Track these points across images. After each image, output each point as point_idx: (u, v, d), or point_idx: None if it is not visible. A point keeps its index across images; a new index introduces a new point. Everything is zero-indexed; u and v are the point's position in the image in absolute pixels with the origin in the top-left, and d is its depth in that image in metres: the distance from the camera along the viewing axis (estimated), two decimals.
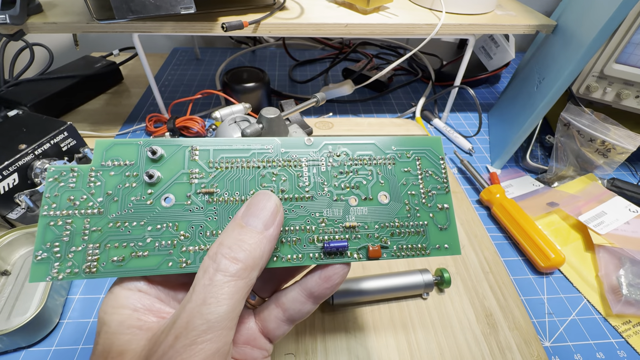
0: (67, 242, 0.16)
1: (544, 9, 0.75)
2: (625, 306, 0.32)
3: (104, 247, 0.16)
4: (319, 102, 0.44)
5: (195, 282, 0.14)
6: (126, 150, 0.17)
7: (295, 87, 0.65)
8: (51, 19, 0.39)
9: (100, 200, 0.17)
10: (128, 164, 0.17)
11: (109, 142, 0.17)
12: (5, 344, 0.26)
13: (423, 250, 0.18)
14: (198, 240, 0.17)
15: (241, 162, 0.18)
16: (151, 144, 0.17)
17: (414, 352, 0.28)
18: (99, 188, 0.17)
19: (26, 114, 0.41)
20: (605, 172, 0.44)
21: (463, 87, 0.51)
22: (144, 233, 0.17)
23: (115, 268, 0.16)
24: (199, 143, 0.18)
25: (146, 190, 0.17)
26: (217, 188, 0.17)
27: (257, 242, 0.15)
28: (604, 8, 0.35)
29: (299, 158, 0.18)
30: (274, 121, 0.33)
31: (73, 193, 0.16)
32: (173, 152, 0.17)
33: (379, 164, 0.19)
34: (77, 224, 0.16)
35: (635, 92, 0.42)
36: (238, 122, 0.39)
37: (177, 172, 0.17)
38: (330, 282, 0.17)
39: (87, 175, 0.17)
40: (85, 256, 0.16)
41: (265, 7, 0.44)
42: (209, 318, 0.13)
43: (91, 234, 0.16)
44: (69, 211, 0.16)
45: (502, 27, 0.45)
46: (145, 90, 0.60)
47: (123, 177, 0.17)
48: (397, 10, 0.46)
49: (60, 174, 0.16)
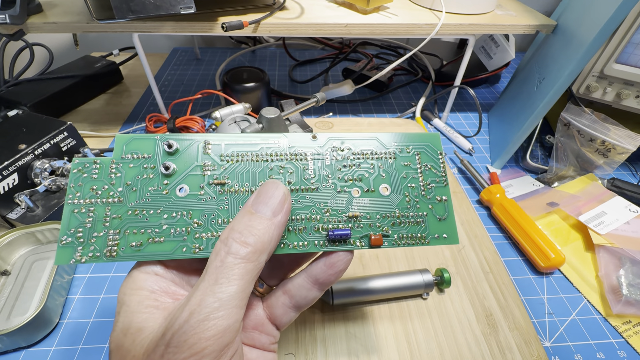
0: (90, 228, 0.17)
1: (544, 9, 0.75)
2: (625, 306, 0.32)
3: (124, 233, 0.17)
4: (319, 102, 0.44)
5: (208, 264, 0.15)
6: (144, 144, 0.19)
7: (295, 87, 0.65)
8: (51, 19, 0.39)
9: (120, 190, 0.18)
10: (146, 157, 0.18)
11: (128, 137, 0.19)
12: (5, 343, 0.26)
13: (422, 240, 0.19)
14: (210, 228, 0.18)
15: (251, 155, 0.19)
16: (167, 138, 0.18)
17: (414, 352, 0.28)
18: (119, 179, 0.18)
19: (26, 114, 0.41)
20: (606, 172, 0.44)
21: (463, 87, 0.51)
22: (160, 220, 0.18)
23: (133, 252, 0.17)
24: (212, 138, 0.19)
25: (162, 181, 0.18)
26: (228, 179, 0.18)
27: (265, 227, 0.16)
28: (604, 8, 0.35)
29: (305, 152, 0.19)
30: (274, 121, 0.33)
31: (95, 183, 0.18)
32: (187, 146, 0.19)
33: (380, 158, 0.20)
34: (99, 211, 0.17)
35: (636, 92, 0.42)
36: (238, 122, 0.39)
37: (191, 164, 0.19)
38: (334, 269, 0.18)
39: (109, 167, 0.18)
40: (106, 241, 0.17)
41: (265, 7, 0.44)
42: (221, 297, 0.14)
43: (112, 221, 0.17)
44: (91, 200, 0.17)
45: (502, 27, 0.45)
46: (145, 90, 0.60)
47: (141, 169, 0.18)
48: (397, 10, 0.46)
49: (84, 165, 0.18)
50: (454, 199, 0.42)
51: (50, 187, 0.36)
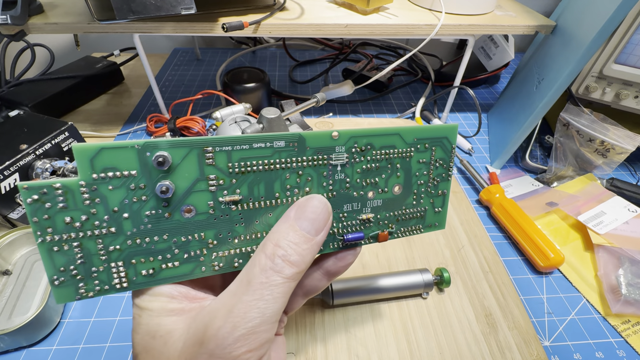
0: (85, 264, 0.15)
1: (544, 9, 0.75)
2: (624, 306, 0.32)
3: (130, 263, 0.15)
4: (319, 103, 0.44)
5: (252, 278, 0.15)
6: (121, 156, 0.14)
7: (295, 88, 0.65)
8: (52, 20, 0.39)
9: (107, 219, 0.14)
10: (130, 175, 0.14)
11: (93, 148, 0.13)
12: (6, 343, 0.26)
13: (418, 230, 0.21)
14: (228, 246, 0.17)
15: (263, 163, 0.16)
16: (152, 146, 0.14)
17: (414, 351, 0.28)
18: (101, 206, 0.14)
19: (27, 114, 0.41)
20: (605, 172, 0.44)
21: (463, 87, 0.51)
22: (170, 245, 0.16)
23: (147, 280, 0.16)
24: (211, 143, 0.15)
25: (160, 203, 0.15)
26: (241, 194, 0.16)
27: (310, 247, 0.16)
28: (603, 8, 0.35)
29: (325, 156, 0.17)
30: (274, 121, 0.33)
31: (69, 214, 0.14)
32: (182, 157, 0.15)
33: (399, 157, 0.19)
34: (88, 245, 0.14)
35: (635, 92, 0.42)
36: (238, 122, 0.39)
37: (193, 179, 0.15)
38: (345, 262, 0.20)
39: (79, 193, 0.14)
40: (111, 274, 0.15)
41: (265, 7, 0.44)
42: (264, 312, 0.14)
43: (109, 253, 0.15)
44: (71, 234, 0.14)
45: (501, 27, 0.45)
46: (146, 90, 0.60)
47: (127, 190, 0.14)
48: (396, 10, 0.46)
49: (39, 193, 0.13)
50: (454, 198, 0.42)
51: None
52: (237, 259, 0.17)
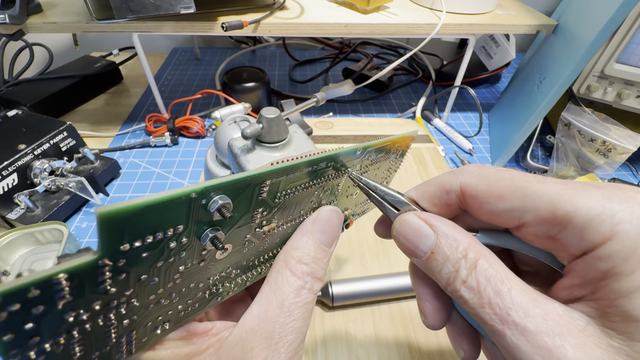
0: (84, 356, 0.11)
1: (545, 8, 0.75)
2: None
3: (143, 327, 0.12)
4: (319, 102, 0.44)
5: (284, 299, 0.14)
6: (171, 213, 0.11)
7: (295, 87, 0.65)
8: (51, 19, 0.39)
9: (129, 294, 0.11)
10: (173, 233, 0.11)
11: (134, 207, 0.09)
12: None
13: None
14: (248, 271, 0.16)
15: (303, 187, 0.15)
16: (212, 192, 0.11)
17: (414, 352, 0.28)
18: (123, 283, 0.11)
19: (26, 114, 0.41)
20: (606, 172, 0.44)
21: (463, 87, 0.51)
22: (194, 291, 0.13)
23: (161, 334, 0.13)
24: (270, 175, 0.13)
25: (200, 251, 0.12)
26: (276, 220, 0.15)
27: (327, 259, 0.16)
28: (605, 8, 0.35)
29: (344, 171, 0.17)
30: (274, 121, 0.33)
31: (74, 305, 0.10)
32: (238, 196, 0.12)
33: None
34: (95, 328, 0.11)
35: (636, 92, 0.42)
36: (238, 122, 0.39)
37: (239, 218, 0.13)
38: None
39: (97, 275, 0.10)
40: (121, 346, 0.12)
41: (265, 6, 0.44)
42: (302, 331, 0.15)
43: (120, 327, 0.11)
44: (73, 332, 0.10)
45: (502, 26, 0.45)
46: (144, 90, 0.60)
47: (165, 251, 0.11)
48: (397, 10, 0.46)
49: (32, 304, 0.09)
50: None
51: (50, 187, 0.36)
52: (249, 276, 0.16)
